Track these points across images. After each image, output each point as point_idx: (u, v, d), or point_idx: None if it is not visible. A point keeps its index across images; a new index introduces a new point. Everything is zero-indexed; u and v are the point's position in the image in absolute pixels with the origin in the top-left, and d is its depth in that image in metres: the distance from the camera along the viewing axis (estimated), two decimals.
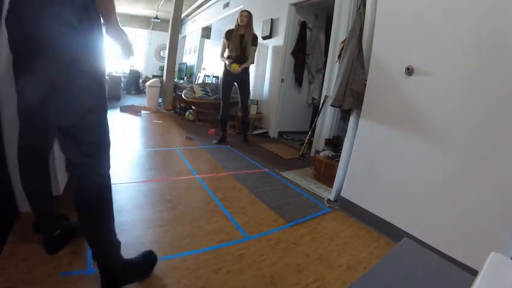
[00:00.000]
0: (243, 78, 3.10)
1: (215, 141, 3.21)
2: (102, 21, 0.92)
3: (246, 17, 2.98)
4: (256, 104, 4.09)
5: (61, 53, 0.77)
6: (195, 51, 7.72)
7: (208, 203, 1.72)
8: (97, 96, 0.87)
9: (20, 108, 0.93)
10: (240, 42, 3.00)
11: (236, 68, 2.95)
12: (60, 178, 1.33)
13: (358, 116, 1.79)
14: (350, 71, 1.76)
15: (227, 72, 3.06)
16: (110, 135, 0.94)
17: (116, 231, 0.98)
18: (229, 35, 3.06)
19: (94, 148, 0.88)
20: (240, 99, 3.27)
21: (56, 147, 1.12)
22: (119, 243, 0.98)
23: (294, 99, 4.09)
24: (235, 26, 3.05)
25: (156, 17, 8.15)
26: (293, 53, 3.86)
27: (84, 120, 0.84)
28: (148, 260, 1.08)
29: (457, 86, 1.32)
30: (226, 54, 3.10)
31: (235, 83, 3.15)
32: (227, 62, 3.02)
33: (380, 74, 1.67)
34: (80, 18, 0.78)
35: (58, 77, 0.80)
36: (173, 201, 1.68)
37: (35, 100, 0.89)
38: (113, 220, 0.97)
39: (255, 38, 3.09)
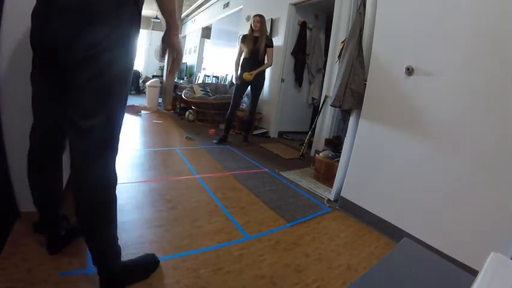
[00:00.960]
0: (257, 81, 3.14)
1: (215, 141, 3.21)
2: (163, 23, 0.88)
3: (259, 22, 3.02)
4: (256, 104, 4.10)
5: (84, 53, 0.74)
6: (195, 51, 7.72)
7: (208, 203, 1.72)
8: (115, 99, 0.83)
9: (34, 103, 0.92)
10: (254, 44, 3.05)
11: (248, 77, 3.02)
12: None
13: (358, 116, 1.79)
14: (350, 71, 1.77)
15: (242, 74, 3.12)
16: (119, 140, 0.89)
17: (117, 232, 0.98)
18: (244, 38, 3.13)
19: (101, 151, 0.84)
20: (250, 100, 3.33)
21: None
22: (119, 250, 0.96)
23: (294, 99, 4.09)
24: (249, 30, 3.10)
25: (156, 17, 8.15)
26: (293, 53, 3.86)
27: (97, 120, 0.81)
28: (148, 262, 1.07)
29: (457, 86, 1.32)
30: (242, 57, 3.15)
31: (250, 85, 3.19)
32: (238, 74, 3.13)
33: (380, 74, 1.67)
34: (109, 11, 0.74)
35: (74, 75, 0.77)
36: (173, 201, 1.68)
37: (47, 96, 0.88)
38: (116, 227, 0.93)
39: (269, 39, 3.13)
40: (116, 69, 0.80)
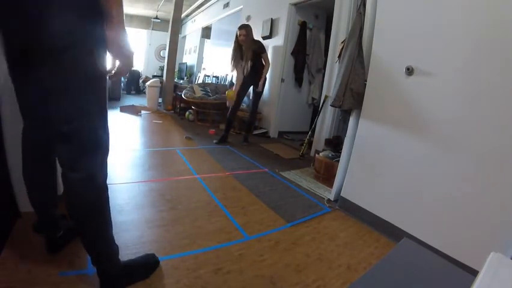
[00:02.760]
0: (259, 82, 3.15)
1: (215, 141, 3.21)
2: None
3: (244, 36, 2.96)
4: None
5: (56, 53, 0.72)
6: (195, 51, 7.72)
7: (208, 203, 1.72)
8: (93, 99, 0.81)
9: (20, 106, 0.92)
10: (247, 58, 3.04)
11: (232, 94, 3.22)
12: (60, 178, 1.32)
13: (358, 116, 1.79)
14: (350, 71, 1.76)
15: (246, 75, 3.12)
16: (108, 139, 0.89)
17: (116, 231, 0.97)
18: (234, 54, 3.08)
19: (88, 153, 0.83)
20: (251, 101, 3.35)
21: None
22: (117, 249, 0.95)
23: (294, 99, 4.09)
24: (235, 42, 3.05)
25: (156, 17, 8.15)
26: (293, 53, 3.86)
27: (78, 123, 0.79)
28: (148, 262, 1.07)
29: (457, 86, 1.32)
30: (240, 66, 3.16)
31: (252, 86, 3.21)
32: (228, 101, 3.41)
33: (380, 74, 1.67)
34: (80, 12, 0.72)
35: (49, 77, 0.76)
36: (173, 201, 1.68)
37: (30, 100, 0.88)
38: (111, 227, 0.93)
39: (260, 46, 3.09)
40: (89, 65, 0.76)
